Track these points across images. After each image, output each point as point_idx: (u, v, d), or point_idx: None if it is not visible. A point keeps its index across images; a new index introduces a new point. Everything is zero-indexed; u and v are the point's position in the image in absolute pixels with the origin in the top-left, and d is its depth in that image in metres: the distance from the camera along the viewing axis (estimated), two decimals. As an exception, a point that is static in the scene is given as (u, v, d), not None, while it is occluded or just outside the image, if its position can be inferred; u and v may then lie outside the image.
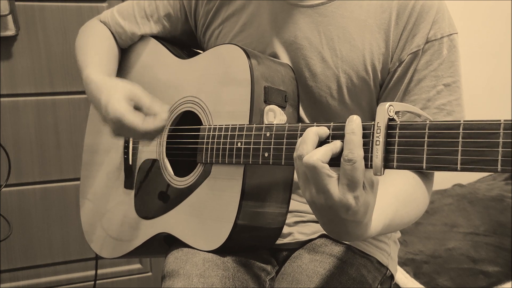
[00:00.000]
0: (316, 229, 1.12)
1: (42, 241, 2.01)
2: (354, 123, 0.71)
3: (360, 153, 0.70)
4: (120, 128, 0.99)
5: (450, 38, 1.01)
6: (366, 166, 0.72)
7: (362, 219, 0.74)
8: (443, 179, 2.35)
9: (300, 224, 1.12)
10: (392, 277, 1.18)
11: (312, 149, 0.73)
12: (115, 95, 1.00)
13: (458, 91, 1.02)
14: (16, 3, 1.80)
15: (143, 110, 1.00)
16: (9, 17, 1.77)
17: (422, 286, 1.79)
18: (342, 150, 0.72)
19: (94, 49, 1.21)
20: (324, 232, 1.11)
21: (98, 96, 1.03)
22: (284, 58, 1.06)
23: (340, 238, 0.85)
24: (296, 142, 0.81)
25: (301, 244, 1.12)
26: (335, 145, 0.74)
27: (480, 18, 2.41)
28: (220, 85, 1.02)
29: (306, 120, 1.08)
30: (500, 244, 1.91)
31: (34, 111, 1.92)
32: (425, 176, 1.00)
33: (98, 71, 1.11)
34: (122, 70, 1.28)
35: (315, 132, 0.75)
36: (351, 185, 0.70)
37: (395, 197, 0.90)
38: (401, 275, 1.82)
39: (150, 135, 1.00)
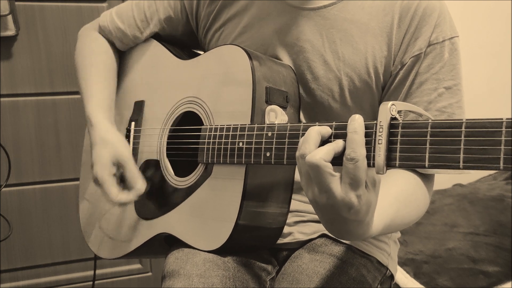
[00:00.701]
0: (316, 229, 1.12)
1: (42, 241, 2.01)
2: (356, 122, 0.71)
3: (363, 152, 0.70)
4: (98, 187, 1.10)
5: (452, 41, 1.01)
6: (368, 165, 0.72)
7: (363, 218, 0.74)
8: (443, 179, 2.35)
9: (300, 224, 1.12)
10: (392, 277, 1.18)
11: (314, 148, 0.73)
12: (103, 157, 1.09)
13: (459, 93, 1.02)
14: (16, 3, 1.80)
15: (123, 177, 1.10)
16: (9, 17, 1.77)
17: (422, 286, 1.79)
18: (344, 149, 0.73)
19: (94, 76, 1.23)
20: (325, 232, 1.11)
21: (92, 146, 1.13)
22: (286, 60, 1.06)
23: (342, 237, 0.85)
24: (298, 141, 0.81)
25: (301, 244, 1.12)
26: (338, 144, 0.74)
27: (480, 18, 2.41)
28: (221, 86, 1.02)
29: (307, 122, 1.08)
30: (500, 244, 1.91)
31: (34, 111, 1.92)
32: (426, 177, 1.01)
33: (99, 110, 1.17)
34: (123, 71, 1.28)
35: (317, 131, 0.75)
36: (354, 184, 0.70)
37: (396, 198, 0.90)
38: (401, 275, 1.82)
39: (121, 205, 1.12)
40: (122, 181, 1.10)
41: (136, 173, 1.09)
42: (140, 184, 1.09)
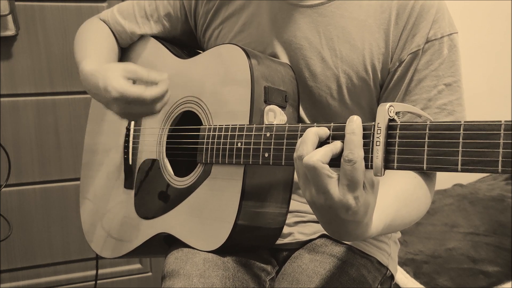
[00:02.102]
0: (316, 229, 1.12)
1: (42, 241, 2.01)
2: (354, 124, 0.71)
3: (361, 153, 0.70)
4: (125, 105, 0.99)
5: (451, 37, 1.01)
6: (367, 167, 0.72)
7: (362, 219, 0.74)
8: (443, 179, 2.35)
9: (300, 224, 1.12)
10: (392, 277, 1.18)
11: (312, 150, 0.73)
12: (112, 75, 0.99)
13: (459, 90, 1.02)
14: (16, 3, 1.80)
15: (143, 82, 1.00)
16: (9, 17, 1.77)
17: (422, 286, 1.79)
18: (342, 150, 0.72)
19: (92, 44, 1.20)
20: (324, 232, 1.11)
21: (95, 82, 1.03)
22: (284, 58, 1.06)
23: (341, 238, 0.85)
24: (296, 142, 0.81)
25: (301, 244, 1.12)
26: (335, 145, 0.74)
27: (480, 18, 2.41)
28: (220, 85, 1.02)
29: (306, 120, 1.08)
30: (500, 244, 1.91)
31: (34, 111, 1.92)
32: (427, 176, 1.00)
33: (93, 63, 1.10)
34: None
35: (315, 132, 0.75)
36: (351, 185, 0.70)
37: (396, 197, 0.89)
38: (401, 275, 1.82)
39: (156, 105, 0.99)
40: None
41: (150, 70, 1.01)
42: (160, 75, 1.00)
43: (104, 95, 1.00)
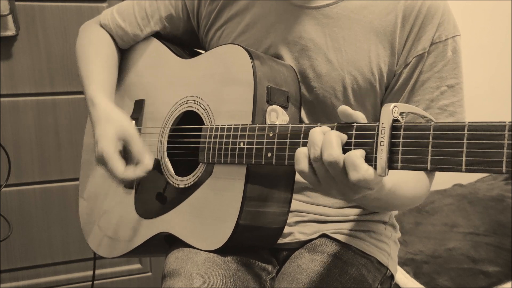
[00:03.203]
0: (316, 229, 1.12)
1: (42, 241, 2.01)
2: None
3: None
4: (102, 166, 1.05)
5: (455, 39, 1.02)
6: (371, 166, 0.72)
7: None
8: (443, 179, 2.35)
9: (300, 224, 1.12)
10: (392, 277, 1.18)
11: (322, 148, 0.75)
12: (108, 133, 1.04)
13: (461, 92, 1.03)
14: (16, 3, 1.80)
15: (129, 153, 1.05)
16: (9, 17, 1.77)
17: (422, 286, 1.79)
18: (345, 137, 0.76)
19: (96, 63, 1.21)
20: (325, 232, 1.12)
21: (95, 125, 1.08)
22: (288, 58, 1.06)
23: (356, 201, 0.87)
24: (300, 142, 0.82)
25: (302, 244, 1.12)
26: (339, 134, 0.76)
27: (480, 18, 2.41)
28: (222, 85, 1.02)
29: (308, 121, 1.09)
30: (500, 244, 1.92)
31: (34, 111, 1.91)
32: None
33: (100, 92, 1.13)
34: (123, 70, 1.28)
35: (320, 131, 0.76)
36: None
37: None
38: (401, 275, 1.83)
39: (128, 183, 1.07)
40: (126, 159, 1.06)
41: (143, 148, 1.05)
42: (147, 159, 1.04)
43: (94, 144, 1.07)
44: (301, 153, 0.77)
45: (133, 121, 1.20)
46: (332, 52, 1.03)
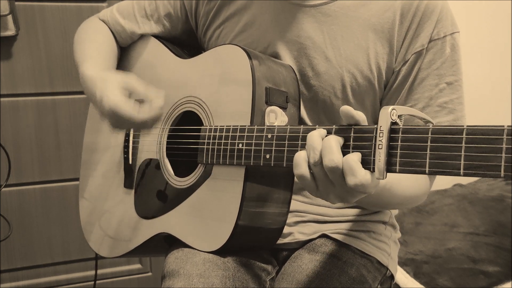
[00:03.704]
0: (316, 229, 1.12)
1: (42, 241, 2.01)
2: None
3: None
4: (117, 121, 0.99)
5: (453, 36, 1.01)
6: (368, 170, 0.72)
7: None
8: (444, 179, 2.35)
9: (300, 224, 1.12)
10: (392, 277, 1.18)
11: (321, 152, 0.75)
12: (109, 87, 0.99)
13: (460, 89, 1.03)
14: (16, 3, 1.80)
15: (138, 97, 1.00)
16: (9, 17, 1.77)
17: (422, 286, 1.79)
18: (342, 141, 0.76)
19: (92, 45, 1.20)
20: (325, 232, 1.12)
21: (93, 90, 1.03)
22: (287, 57, 1.06)
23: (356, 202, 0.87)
24: (298, 143, 0.82)
25: (301, 244, 1.12)
26: (338, 139, 0.75)
27: (480, 18, 2.41)
28: (221, 86, 1.02)
29: (308, 120, 1.09)
30: (500, 244, 1.92)
31: (34, 111, 1.91)
32: None
33: (93, 66, 1.10)
34: (121, 69, 1.28)
35: (318, 135, 0.76)
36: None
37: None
38: (401, 275, 1.83)
39: (148, 124, 0.99)
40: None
41: (148, 88, 1.00)
42: (157, 96, 0.99)
43: (99, 105, 1.00)
44: (301, 157, 0.77)
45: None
46: (331, 50, 1.03)
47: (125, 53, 1.29)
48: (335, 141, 0.74)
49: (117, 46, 1.27)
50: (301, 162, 0.77)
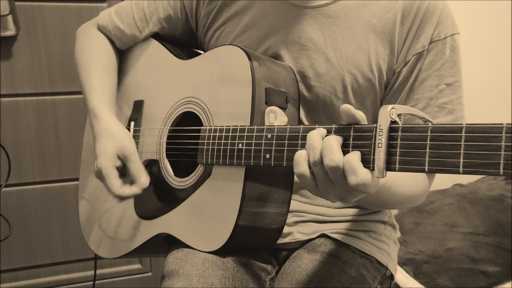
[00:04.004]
0: (316, 229, 1.12)
1: (42, 241, 2.01)
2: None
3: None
4: (100, 180, 1.07)
5: (453, 38, 1.02)
6: (368, 168, 0.73)
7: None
8: (443, 179, 2.35)
9: (300, 224, 1.12)
10: (392, 277, 1.18)
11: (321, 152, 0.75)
12: (107, 149, 1.06)
13: (460, 90, 1.03)
14: (16, 3, 1.80)
15: (127, 171, 1.07)
16: (9, 17, 1.77)
17: (422, 286, 1.79)
18: (342, 140, 0.76)
19: (96, 71, 1.21)
20: (324, 232, 1.12)
21: (96, 139, 1.10)
22: (288, 58, 1.06)
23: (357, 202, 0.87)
24: (298, 143, 0.82)
25: (301, 244, 1.12)
26: (337, 138, 0.75)
27: (480, 18, 2.41)
28: (220, 86, 1.02)
29: (308, 120, 1.09)
30: (500, 244, 1.92)
31: (34, 111, 1.91)
32: None
33: (103, 104, 1.15)
34: (123, 71, 1.28)
35: (318, 134, 0.76)
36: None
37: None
38: (401, 275, 1.83)
39: (123, 199, 1.07)
40: (124, 176, 1.08)
41: (141, 166, 1.07)
42: (144, 178, 1.06)
43: (93, 158, 1.09)
44: (301, 156, 0.77)
45: (132, 122, 1.21)
46: (331, 51, 1.03)
47: (125, 54, 1.29)
48: (335, 141, 0.74)
49: (116, 57, 1.27)
50: (301, 161, 0.77)
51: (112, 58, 1.25)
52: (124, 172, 1.08)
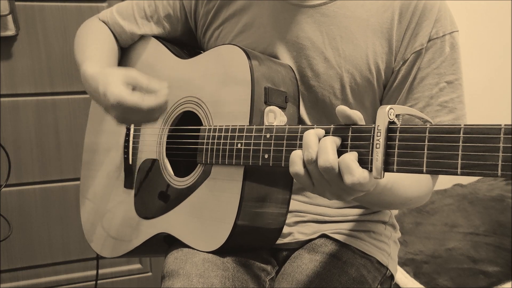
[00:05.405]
0: (316, 229, 1.12)
1: (42, 241, 2.01)
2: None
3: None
4: (123, 112, 0.98)
5: (452, 35, 1.02)
6: (366, 169, 0.73)
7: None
8: (444, 179, 2.35)
9: (300, 224, 1.12)
10: (392, 277, 1.18)
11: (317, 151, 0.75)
12: (112, 80, 0.99)
13: (460, 88, 1.03)
14: (16, 3, 1.80)
15: (142, 90, 0.99)
16: (9, 17, 1.77)
17: (422, 286, 1.79)
18: (339, 141, 0.76)
19: (93, 45, 1.19)
20: (324, 232, 1.12)
21: (96, 86, 1.02)
22: (286, 58, 1.06)
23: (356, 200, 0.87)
24: (296, 143, 0.82)
25: (301, 244, 1.12)
26: (334, 139, 0.76)
27: (480, 18, 2.41)
28: (220, 86, 1.02)
29: (308, 120, 1.09)
30: (500, 244, 1.91)
31: (34, 111, 1.92)
32: None
33: (94, 65, 1.10)
34: (122, 69, 1.28)
35: (314, 134, 0.77)
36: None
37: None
38: (401, 275, 1.83)
39: (153, 113, 0.99)
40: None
41: (151, 80, 1.00)
42: (160, 84, 0.99)
43: (103, 100, 1.00)
44: (296, 155, 0.78)
45: (132, 124, 1.21)
46: (330, 51, 1.03)
47: (125, 53, 1.30)
48: (330, 142, 0.74)
49: (117, 46, 1.27)
50: (296, 160, 0.77)
51: (112, 41, 1.25)
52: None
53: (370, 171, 0.72)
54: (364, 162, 0.73)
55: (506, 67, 2.50)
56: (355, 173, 0.72)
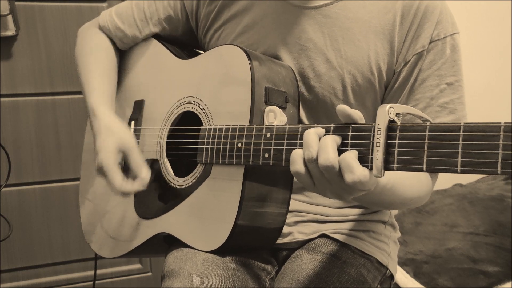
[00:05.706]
0: (316, 229, 1.12)
1: (42, 241, 2.01)
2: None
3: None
4: (102, 177, 1.06)
5: (453, 37, 1.02)
6: (367, 167, 0.73)
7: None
8: (444, 179, 2.34)
9: (300, 223, 1.12)
10: (392, 277, 1.18)
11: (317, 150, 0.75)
12: (108, 145, 1.06)
13: (461, 89, 1.03)
14: (16, 3, 1.80)
15: (129, 167, 1.07)
16: (9, 17, 1.77)
17: (422, 286, 1.79)
18: (340, 140, 0.77)
19: (96, 71, 1.21)
20: (324, 232, 1.12)
21: (96, 137, 1.09)
22: (288, 59, 1.06)
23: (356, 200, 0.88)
24: (297, 142, 0.82)
25: (301, 244, 1.12)
26: (334, 138, 0.76)
27: (480, 18, 2.41)
28: (220, 86, 1.02)
29: (308, 121, 1.09)
30: (500, 244, 1.91)
31: (34, 111, 1.92)
32: None
33: (101, 102, 1.14)
34: (123, 70, 1.28)
35: (314, 132, 0.77)
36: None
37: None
38: (401, 275, 1.83)
39: (124, 195, 1.07)
40: (125, 171, 1.08)
41: (141, 161, 1.07)
42: (145, 173, 1.05)
43: (94, 154, 1.08)
44: (297, 154, 0.78)
45: (133, 122, 1.21)
46: (331, 52, 1.04)
47: (126, 54, 1.29)
48: (331, 141, 0.74)
49: (116, 57, 1.27)
50: (297, 159, 0.77)
51: (112, 59, 1.25)
52: (125, 168, 1.08)
53: (371, 169, 0.72)
54: (365, 160, 0.73)
55: (506, 67, 2.50)
56: (355, 171, 0.72)
